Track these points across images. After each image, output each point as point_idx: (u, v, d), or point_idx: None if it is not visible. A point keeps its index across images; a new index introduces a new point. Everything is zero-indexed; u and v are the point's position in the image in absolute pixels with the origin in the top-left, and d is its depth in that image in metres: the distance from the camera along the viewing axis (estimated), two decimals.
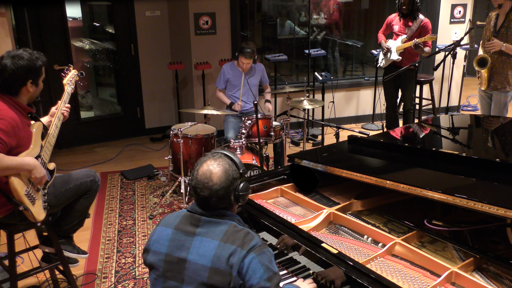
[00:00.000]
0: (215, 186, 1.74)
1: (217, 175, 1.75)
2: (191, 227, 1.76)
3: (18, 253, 2.88)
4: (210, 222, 1.75)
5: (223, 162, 1.79)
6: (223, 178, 1.75)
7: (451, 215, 2.29)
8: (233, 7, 5.79)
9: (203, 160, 1.81)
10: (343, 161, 2.75)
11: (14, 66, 2.47)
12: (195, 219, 1.78)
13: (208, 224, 1.75)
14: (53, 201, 2.71)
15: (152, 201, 4.49)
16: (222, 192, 1.75)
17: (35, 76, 2.56)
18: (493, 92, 4.41)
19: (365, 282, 1.72)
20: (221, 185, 1.75)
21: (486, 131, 3.20)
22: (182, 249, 1.74)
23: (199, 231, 1.75)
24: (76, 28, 6.06)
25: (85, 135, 5.94)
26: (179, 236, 1.77)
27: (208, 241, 1.71)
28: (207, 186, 1.74)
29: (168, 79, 6.18)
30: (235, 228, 1.74)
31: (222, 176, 1.76)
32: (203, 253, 1.70)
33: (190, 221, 1.78)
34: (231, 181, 1.77)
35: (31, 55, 2.54)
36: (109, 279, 3.33)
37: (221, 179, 1.75)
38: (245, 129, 4.22)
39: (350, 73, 7.57)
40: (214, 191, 1.74)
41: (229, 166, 1.79)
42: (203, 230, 1.74)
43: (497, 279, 1.81)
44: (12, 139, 2.40)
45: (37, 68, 2.55)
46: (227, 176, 1.76)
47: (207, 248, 1.70)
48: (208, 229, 1.74)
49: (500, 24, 4.24)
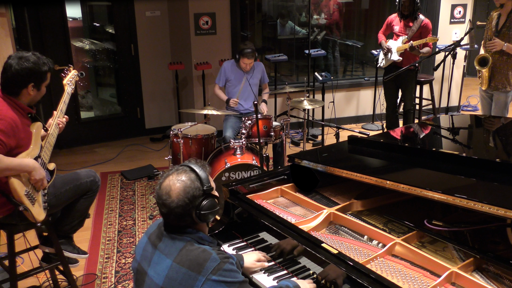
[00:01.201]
0: (172, 204, 1.66)
1: (176, 192, 1.67)
2: (157, 240, 1.74)
3: (18, 253, 2.88)
4: (169, 238, 1.71)
5: (185, 177, 1.69)
6: (181, 195, 1.66)
7: (451, 215, 2.29)
8: (233, 7, 5.80)
9: (167, 174, 1.73)
10: (343, 161, 2.74)
11: (19, 67, 2.47)
12: (160, 232, 1.75)
13: (167, 240, 1.71)
14: (53, 201, 2.71)
15: (152, 201, 4.49)
16: (179, 210, 1.66)
17: (38, 80, 2.55)
18: (493, 92, 4.42)
19: (365, 282, 1.72)
20: (178, 203, 1.66)
21: (486, 131, 3.20)
22: (146, 261, 1.73)
23: (160, 245, 1.71)
24: (76, 28, 6.06)
25: (85, 135, 5.95)
26: (148, 247, 1.75)
27: (163, 259, 1.67)
28: (166, 203, 1.67)
29: (168, 79, 6.19)
30: (190, 247, 1.66)
31: (181, 193, 1.66)
32: (158, 271, 1.67)
33: (157, 233, 1.75)
34: (189, 199, 1.67)
35: (38, 59, 2.54)
36: (109, 279, 3.33)
37: (179, 197, 1.66)
38: (245, 129, 4.22)
39: (350, 73, 7.57)
40: (172, 209, 1.66)
41: (190, 182, 1.69)
42: (162, 245, 1.70)
43: (497, 279, 1.81)
44: (11, 140, 2.40)
45: (41, 73, 2.54)
46: (185, 193, 1.67)
47: (161, 266, 1.66)
48: (166, 245, 1.69)
49: (501, 23, 4.24)
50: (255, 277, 2.09)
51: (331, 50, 7.28)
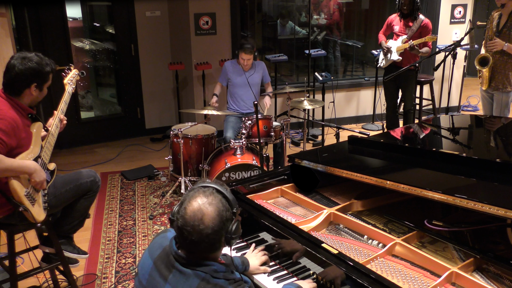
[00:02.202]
0: (206, 230, 1.51)
1: (210, 216, 1.52)
2: (165, 270, 1.59)
3: (18, 254, 2.88)
4: (181, 273, 1.55)
5: (216, 200, 1.55)
6: (216, 220, 1.52)
7: (451, 215, 2.29)
8: (233, 7, 5.79)
9: (192, 196, 1.56)
10: (343, 161, 2.74)
11: (23, 67, 2.48)
12: (169, 262, 1.59)
13: (179, 274, 1.56)
14: (53, 201, 2.71)
15: (152, 201, 4.49)
16: (214, 236, 1.52)
17: (41, 80, 2.55)
18: (494, 92, 4.41)
19: (365, 282, 1.72)
20: (213, 229, 1.51)
21: (486, 132, 3.20)
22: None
23: (170, 279, 1.57)
24: (76, 28, 6.06)
25: (85, 135, 5.95)
26: (155, 275, 1.61)
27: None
28: (197, 229, 1.51)
29: (168, 80, 6.19)
30: (205, 285, 1.52)
31: (216, 218, 1.52)
32: None
33: (166, 262, 1.60)
34: (223, 222, 1.54)
35: (41, 59, 2.54)
36: (109, 279, 3.33)
37: (214, 222, 1.52)
38: (245, 129, 4.22)
39: (351, 74, 7.57)
40: (205, 236, 1.51)
41: (222, 206, 1.55)
42: (174, 279, 1.56)
43: (497, 280, 1.81)
44: (12, 140, 2.40)
45: (44, 73, 2.55)
46: (220, 218, 1.53)
47: None
48: (177, 281, 1.55)
49: (502, 23, 4.24)
50: (255, 278, 2.09)
51: (331, 50, 7.28)
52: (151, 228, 4.00)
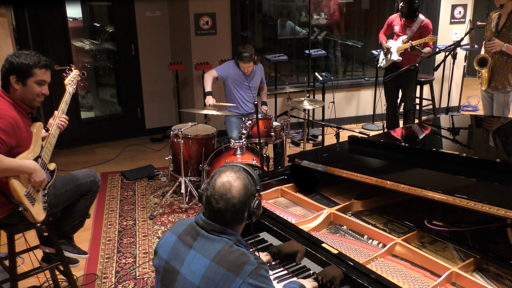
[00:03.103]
0: (233, 200, 1.67)
1: (237, 188, 1.69)
2: (190, 239, 1.71)
3: (19, 254, 2.88)
4: (206, 238, 1.69)
5: (242, 175, 1.73)
6: (242, 192, 1.69)
7: (451, 215, 2.29)
8: (234, 7, 5.79)
9: (221, 171, 1.74)
10: (344, 161, 2.74)
11: (5, 60, 2.50)
12: (195, 231, 1.72)
13: (204, 240, 1.69)
14: (53, 201, 2.71)
15: (152, 201, 4.49)
16: (239, 206, 1.68)
17: (20, 73, 2.49)
18: (494, 92, 4.42)
19: (366, 282, 1.72)
20: (239, 199, 1.68)
21: (486, 132, 3.20)
22: (178, 259, 1.70)
23: (195, 245, 1.69)
24: (76, 28, 6.06)
25: (85, 135, 5.95)
26: (179, 246, 1.72)
27: (200, 258, 1.65)
28: (225, 198, 1.67)
29: (168, 80, 6.19)
30: (229, 249, 1.65)
31: (242, 190, 1.69)
32: (194, 270, 1.65)
33: (191, 232, 1.73)
34: (248, 196, 1.71)
35: (27, 55, 2.52)
36: (110, 279, 3.33)
37: (240, 193, 1.69)
38: (246, 129, 4.22)
39: (351, 74, 7.57)
40: (231, 205, 1.67)
41: (248, 181, 1.73)
42: (199, 245, 1.68)
43: (498, 280, 1.81)
44: (12, 139, 2.40)
45: (23, 65, 2.48)
46: (246, 190, 1.70)
47: (198, 265, 1.64)
48: (203, 245, 1.68)
49: (501, 24, 4.24)
50: None
51: (331, 50, 7.28)
52: (151, 228, 4.00)
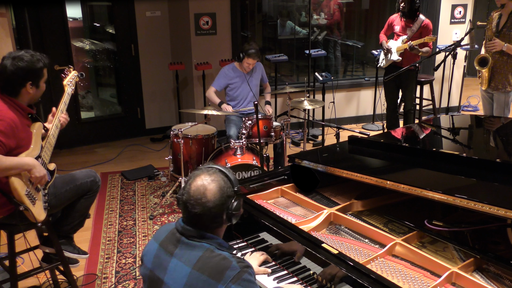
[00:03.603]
0: (208, 203, 1.63)
1: (212, 191, 1.65)
2: (171, 246, 1.68)
3: (19, 254, 2.88)
4: (187, 245, 1.65)
5: (218, 178, 1.68)
6: (217, 195, 1.65)
7: (451, 215, 2.29)
8: (234, 7, 5.79)
9: (196, 174, 1.70)
10: (344, 161, 2.74)
11: (13, 68, 2.46)
12: (176, 238, 1.69)
13: (185, 247, 1.65)
14: (53, 201, 2.71)
15: (152, 201, 4.49)
16: (215, 210, 1.64)
17: (35, 77, 2.54)
18: (494, 92, 4.41)
19: (366, 282, 1.72)
20: (215, 203, 1.64)
21: (486, 132, 3.20)
22: (161, 268, 1.68)
23: (177, 252, 1.66)
24: (76, 28, 6.06)
25: (85, 135, 5.95)
26: (161, 254, 1.70)
27: (181, 266, 1.63)
28: (200, 202, 1.63)
29: (168, 80, 6.19)
30: (210, 254, 1.62)
31: (217, 193, 1.65)
32: (176, 279, 1.62)
33: (172, 240, 1.70)
34: (225, 198, 1.66)
35: (32, 56, 2.53)
36: (110, 279, 3.33)
37: (216, 196, 1.65)
38: (246, 129, 4.22)
39: (351, 74, 7.57)
40: (207, 209, 1.64)
41: (224, 183, 1.68)
42: (180, 252, 1.65)
43: (498, 280, 1.81)
44: (11, 140, 2.40)
45: (37, 70, 2.54)
46: (222, 193, 1.66)
47: (179, 273, 1.62)
48: (184, 252, 1.65)
49: (502, 24, 4.24)
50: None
51: (332, 50, 7.28)
52: (151, 228, 4.00)
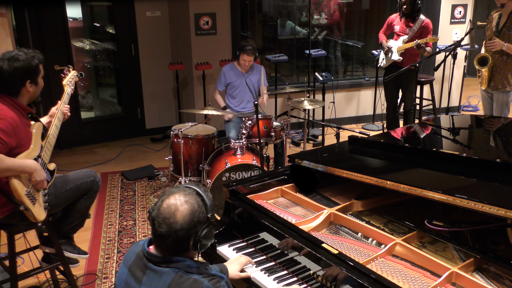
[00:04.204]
0: (175, 225, 1.55)
1: (182, 213, 1.56)
2: (140, 273, 1.62)
3: (19, 254, 2.89)
4: (154, 272, 1.58)
5: (192, 200, 1.59)
6: (187, 218, 1.56)
7: (451, 215, 2.29)
8: (234, 7, 5.79)
9: (171, 192, 1.62)
10: (344, 161, 2.74)
11: (11, 68, 2.46)
12: (143, 264, 1.62)
13: (152, 274, 1.59)
14: (53, 201, 2.71)
15: (152, 201, 4.49)
16: (182, 233, 1.55)
17: (33, 75, 2.55)
18: (493, 92, 4.41)
19: (366, 282, 1.72)
20: (182, 226, 1.55)
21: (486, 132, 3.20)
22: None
23: (144, 281, 1.59)
24: (76, 28, 6.06)
25: (85, 135, 5.95)
26: (130, 281, 1.64)
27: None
28: (167, 222, 1.55)
29: (168, 80, 6.19)
30: (179, 279, 1.55)
31: (187, 216, 1.56)
32: None
33: (140, 265, 1.63)
34: (195, 223, 1.57)
35: (26, 54, 2.53)
36: (110, 279, 3.33)
37: (185, 219, 1.56)
38: (246, 129, 4.22)
39: (351, 74, 7.57)
40: (173, 231, 1.55)
41: (197, 207, 1.59)
42: (148, 280, 1.59)
43: (498, 280, 1.81)
44: (12, 139, 2.40)
45: (33, 67, 2.54)
46: (192, 217, 1.57)
47: None
48: (152, 280, 1.58)
49: (502, 23, 4.24)
50: (255, 277, 2.09)
51: (332, 50, 7.28)
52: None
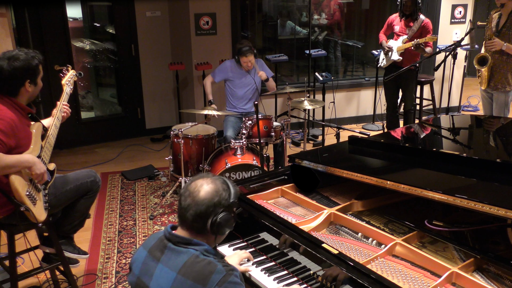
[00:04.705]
0: (198, 199, 1.65)
1: (206, 190, 1.67)
2: (158, 253, 1.69)
3: (19, 254, 2.88)
4: (173, 251, 1.66)
5: (218, 183, 1.70)
6: (210, 195, 1.66)
7: (451, 215, 2.29)
8: (234, 7, 5.79)
9: (201, 176, 1.73)
10: (344, 161, 2.74)
11: (11, 68, 2.46)
12: (163, 245, 1.70)
13: (171, 252, 1.66)
14: (53, 201, 2.71)
15: (152, 201, 4.49)
16: (202, 208, 1.65)
17: (32, 75, 2.55)
18: (493, 92, 4.41)
19: (366, 282, 1.72)
20: (204, 201, 1.65)
21: (486, 132, 3.20)
22: (147, 274, 1.69)
23: (163, 258, 1.67)
24: (76, 28, 6.06)
25: (85, 135, 5.95)
26: (149, 261, 1.71)
27: (167, 272, 1.63)
28: (192, 196, 1.66)
29: (168, 80, 6.19)
30: (196, 259, 1.62)
31: (210, 193, 1.67)
32: (161, 284, 1.63)
33: (160, 246, 1.71)
34: (215, 203, 1.66)
35: (26, 54, 2.53)
36: (110, 279, 3.33)
37: (207, 196, 1.66)
38: (246, 129, 4.21)
39: (351, 74, 7.57)
40: (195, 204, 1.65)
41: (222, 190, 1.69)
42: (166, 258, 1.66)
43: (498, 280, 1.81)
44: (11, 140, 2.40)
45: (33, 67, 2.54)
46: (214, 195, 1.67)
47: (165, 279, 1.63)
48: (169, 258, 1.66)
49: (502, 23, 4.23)
50: (254, 277, 2.09)
51: (332, 50, 7.28)
52: (152, 228, 4.00)
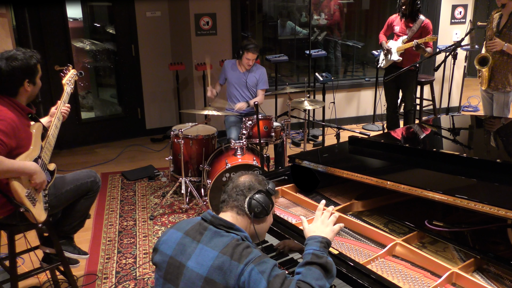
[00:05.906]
0: (238, 181, 1.87)
1: (248, 177, 1.90)
2: (198, 234, 1.77)
3: (19, 254, 2.89)
4: (215, 233, 1.75)
5: (258, 175, 1.92)
6: (249, 180, 1.88)
7: (451, 215, 2.29)
8: (234, 7, 5.79)
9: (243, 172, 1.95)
10: (344, 161, 2.74)
11: (9, 68, 2.46)
12: (203, 227, 1.79)
13: (212, 234, 1.75)
14: (53, 201, 2.71)
15: (152, 201, 4.49)
16: (241, 188, 1.85)
17: (31, 75, 2.54)
18: (494, 92, 4.41)
19: (366, 282, 1.72)
20: (244, 183, 1.86)
21: (486, 132, 3.20)
22: (184, 254, 1.74)
23: (203, 239, 1.75)
24: (76, 28, 6.06)
25: (85, 135, 5.95)
26: (186, 241, 1.77)
27: (208, 250, 1.70)
28: (233, 181, 1.89)
29: (168, 80, 6.19)
30: (237, 242, 1.71)
31: (250, 179, 1.88)
32: (202, 262, 1.68)
33: (199, 229, 1.79)
34: (253, 185, 1.86)
35: (24, 54, 2.52)
36: (110, 279, 3.33)
37: (247, 180, 1.88)
38: (246, 129, 4.21)
39: (351, 74, 7.57)
40: (236, 184, 1.86)
41: (261, 180, 1.90)
42: (206, 238, 1.75)
43: (498, 280, 1.81)
44: (12, 140, 2.40)
45: (32, 67, 2.53)
46: (253, 180, 1.87)
47: (206, 257, 1.69)
48: (211, 238, 1.74)
49: (503, 24, 4.23)
50: None
51: (332, 50, 7.28)
52: (152, 229, 4.00)
